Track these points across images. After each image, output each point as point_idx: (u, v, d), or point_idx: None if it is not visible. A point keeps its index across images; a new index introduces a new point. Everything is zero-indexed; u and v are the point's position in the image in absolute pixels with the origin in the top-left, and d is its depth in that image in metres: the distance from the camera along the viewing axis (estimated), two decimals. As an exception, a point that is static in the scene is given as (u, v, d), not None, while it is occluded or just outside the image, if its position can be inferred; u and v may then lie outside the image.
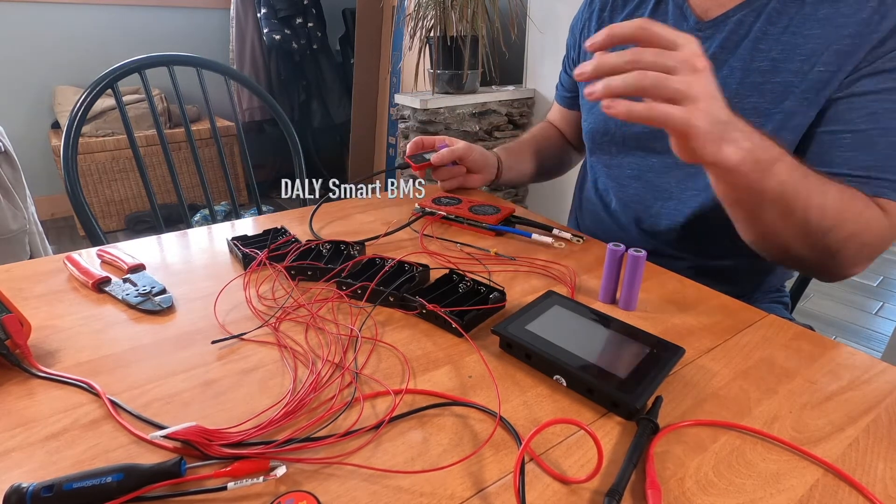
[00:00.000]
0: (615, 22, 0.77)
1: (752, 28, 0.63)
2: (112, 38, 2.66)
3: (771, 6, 0.62)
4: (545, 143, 0.94)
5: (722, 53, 0.65)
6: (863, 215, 0.55)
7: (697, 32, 0.67)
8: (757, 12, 0.63)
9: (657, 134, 0.71)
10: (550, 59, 1.97)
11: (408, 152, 0.82)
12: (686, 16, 0.68)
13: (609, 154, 0.78)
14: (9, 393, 0.39)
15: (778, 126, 0.62)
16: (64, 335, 0.46)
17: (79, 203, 0.88)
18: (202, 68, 1.03)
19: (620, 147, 0.75)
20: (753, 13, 0.63)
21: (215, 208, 1.84)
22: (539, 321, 0.45)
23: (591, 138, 0.79)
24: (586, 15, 0.81)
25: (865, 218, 0.55)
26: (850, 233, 0.55)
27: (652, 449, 0.34)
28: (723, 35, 0.65)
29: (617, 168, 0.77)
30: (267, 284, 0.55)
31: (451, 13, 1.66)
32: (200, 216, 2.50)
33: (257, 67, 2.81)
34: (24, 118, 2.55)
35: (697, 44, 0.44)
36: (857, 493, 0.32)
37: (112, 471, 0.30)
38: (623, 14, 0.76)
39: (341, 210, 0.78)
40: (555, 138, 0.95)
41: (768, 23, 0.62)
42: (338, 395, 0.39)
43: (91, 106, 0.90)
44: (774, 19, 0.62)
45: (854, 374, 0.42)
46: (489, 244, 0.65)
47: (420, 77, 1.81)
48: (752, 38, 0.63)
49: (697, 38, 0.67)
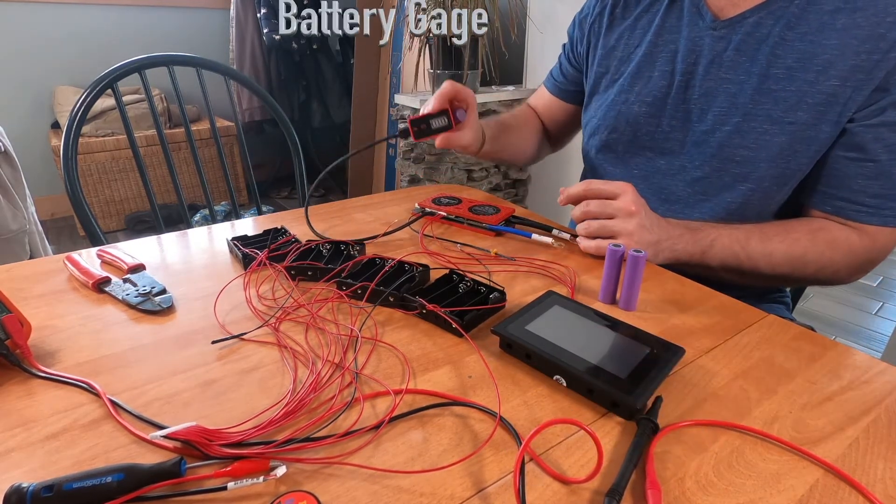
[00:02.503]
0: (627, 19, 0.76)
1: (771, 32, 0.62)
2: (112, 38, 2.66)
3: (790, 11, 0.61)
4: (526, 128, 0.92)
5: (738, 56, 0.64)
6: (827, 252, 0.62)
7: (712, 31, 0.66)
8: (775, 16, 0.62)
9: (667, 135, 0.71)
10: (550, 59, 1.97)
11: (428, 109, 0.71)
12: (703, 13, 0.67)
13: (615, 153, 0.77)
14: (9, 393, 0.39)
15: (790, 137, 0.62)
16: (64, 335, 0.46)
17: (79, 203, 0.88)
18: (202, 68, 1.03)
19: (628, 146, 0.75)
20: (772, 17, 0.62)
21: (215, 208, 1.84)
22: (539, 321, 0.45)
23: (598, 135, 0.78)
24: (597, 9, 0.80)
25: (832, 251, 0.62)
26: (817, 268, 0.63)
27: (652, 449, 0.34)
28: (738, 37, 0.64)
29: (623, 167, 0.77)
30: (267, 284, 0.55)
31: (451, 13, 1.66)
32: (200, 216, 2.50)
33: (257, 67, 2.81)
34: (24, 118, 2.55)
35: (633, 191, 0.60)
36: (857, 494, 0.32)
37: (112, 471, 0.30)
38: (638, 9, 0.75)
39: (341, 210, 0.78)
40: (535, 125, 0.94)
41: (787, 28, 0.61)
42: (338, 395, 0.39)
43: (91, 106, 0.90)
44: (793, 24, 0.61)
45: (854, 374, 0.42)
46: (489, 244, 0.65)
47: (420, 77, 1.81)
48: (770, 42, 0.62)
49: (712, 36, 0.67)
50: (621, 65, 0.76)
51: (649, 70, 0.72)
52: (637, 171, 0.75)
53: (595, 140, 0.79)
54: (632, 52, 0.74)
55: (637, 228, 0.58)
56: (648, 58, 0.72)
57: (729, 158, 0.66)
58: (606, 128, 0.76)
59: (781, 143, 0.62)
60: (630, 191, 0.59)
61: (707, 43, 0.67)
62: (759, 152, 0.64)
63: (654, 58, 0.71)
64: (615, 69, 0.76)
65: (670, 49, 0.70)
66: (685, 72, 0.68)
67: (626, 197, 0.59)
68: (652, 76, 0.71)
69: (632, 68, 0.73)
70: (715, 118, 0.66)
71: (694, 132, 0.68)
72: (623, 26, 0.76)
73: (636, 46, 0.74)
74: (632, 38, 0.75)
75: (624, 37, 0.76)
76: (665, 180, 0.72)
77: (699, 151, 0.68)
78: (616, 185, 0.60)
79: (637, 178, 0.75)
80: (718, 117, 0.66)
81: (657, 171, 0.73)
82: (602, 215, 0.60)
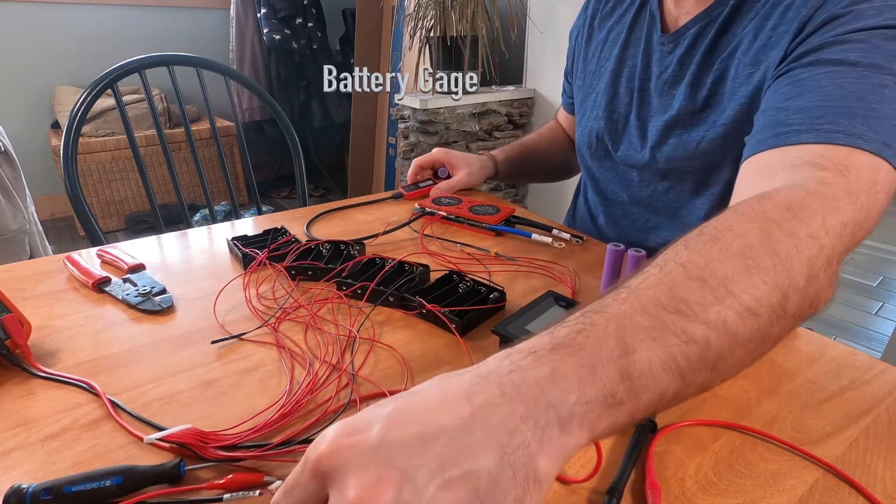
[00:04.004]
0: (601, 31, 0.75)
1: (705, 41, 0.60)
2: (112, 38, 2.66)
3: (723, 13, 0.59)
4: (552, 145, 0.93)
5: (678, 70, 0.63)
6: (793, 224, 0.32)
7: (661, 46, 0.65)
8: (712, 23, 0.60)
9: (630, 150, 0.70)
10: (550, 59, 1.97)
11: (409, 179, 0.86)
12: (657, 27, 0.66)
13: (591, 168, 0.78)
14: (9, 393, 0.39)
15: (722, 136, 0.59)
16: (64, 335, 0.46)
17: (79, 203, 0.88)
18: (202, 68, 1.03)
19: (602, 160, 0.75)
20: (710, 24, 0.60)
21: (215, 208, 1.84)
22: (539, 321, 0.45)
23: (579, 151, 0.79)
24: (580, 21, 0.81)
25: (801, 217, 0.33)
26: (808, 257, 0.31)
27: (652, 449, 0.34)
28: (681, 50, 0.63)
29: (603, 182, 0.77)
30: (267, 284, 0.55)
31: (451, 13, 1.66)
32: (200, 216, 2.50)
33: (257, 67, 2.81)
34: (24, 118, 2.55)
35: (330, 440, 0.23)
36: (856, 494, 0.32)
37: (111, 473, 0.30)
38: (610, 21, 0.74)
39: (341, 209, 0.78)
40: (563, 141, 0.95)
41: (719, 33, 0.59)
42: (334, 396, 0.39)
43: (91, 106, 0.90)
44: (724, 27, 0.59)
45: (854, 375, 0.42)
46: (489, 244, 0.65)
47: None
48: (702, 51, 0.60)
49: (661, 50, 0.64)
50: (594, 79, 0.76)
51: (615, 86, 0.72)
52: (614, 186, 0.75)
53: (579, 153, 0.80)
54: (602, 67, 0.74)
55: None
56: (615, 73, 0.72)
57: (681, 170, 0.65)
58: (584, 143, 0.77)
59: (725, 145, 0.60)
60: (325, 454, 0.22)
61: (655, 59, 0.66)
62: (708, 159, 0.62)
63: (620, 73, 0.71)
64: (589, 83, 0.77)
65: (632, 64, 0.70)
66: (640, 88, 0.68)
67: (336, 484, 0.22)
68: (618, 92, 0.71)
69: (602, 84, 0.74)
70: (659, 134, 0.65)
71: (647, 150, 0.68)
72: (598, 39, 0.76)
73: (606, 61, 0.74)
74: (604, 52, 0.75)
75: (598, 50, 0.76)
76: (640, 192, 0.72)
77: (658, 166, 0.68)
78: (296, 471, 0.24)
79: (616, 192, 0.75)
80: (661, 132, 0.65)
81: (630, 184, 0.73)
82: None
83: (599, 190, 0.78)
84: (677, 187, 0.67)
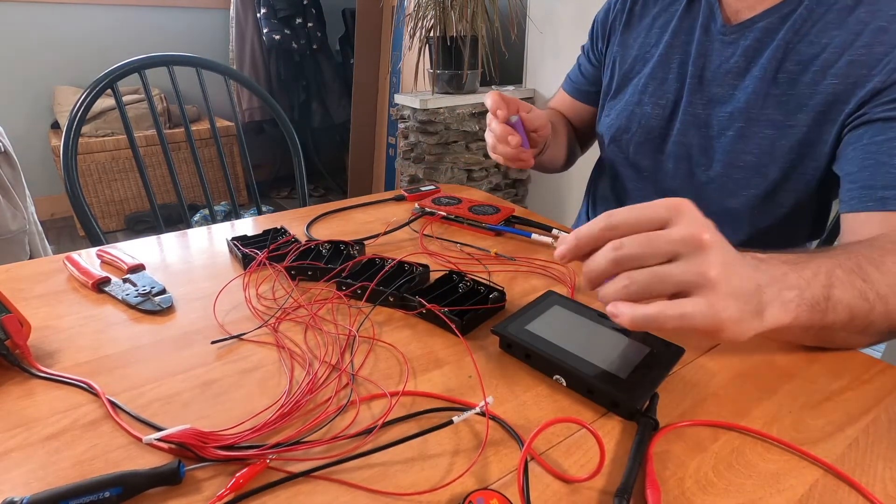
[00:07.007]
0: (645, 17, 0.75)
1: (778, 37, 0.61)
2: (112, 38, 2.66)
3: (799, 14, 0.60)
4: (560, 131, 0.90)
5: (743, 61, 0.63)
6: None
7: (722, 37, 0.65)
8: (785, 20, 0.61)
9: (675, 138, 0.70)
10: (550, 59, 1.97)
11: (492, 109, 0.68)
12: (715, 17, 0.67)
13: (626, 154, 0.77)
14: (9, 393, 0.39)
15: (792, 140, 0.61)
16: (64, 335, 0.46)
17: (78, 203, 0.88)
18: (202, 68, 1.03)
19: (638, 147, 0.75)
20: (781, 21, 0.61)
21: (215, 208, 1.84)
22: (539, 321, 0.45)
23: (610, 135, 0.78)
24: (619, 6, 0.79)
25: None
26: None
27: (651, 449, 0.34)
28: (747, 42, 0.63)
29: (632, 169, 0.76)
30: (267, 284, 0.55)
31: (451, 13, 1.66)
32: (200, 216, 2.50)
33: (257, 67, 2.81)
34: (24, 118, 2.55)
35: (692, 208, 0.34)
36: (856, 494, 0.32)
37: (110, 483, 0.29)
38: (656, 8, 0.74)
39: (341, 209, 0.78)
40: (567, 129, 0.93)
41: (793, 31, 0.60)
42: (334, 397, 0.39)
43: (91, 106, 0.90)
44: (799, 27, 0.60)
45: (854, 374, 0.42)
46: (489, 244, 0.65)
47: (420, 77, 1.81)
48: (775, 47, 0.61)
49: (721, 41, 0.64)
50: (636, 64, 0.75)
51: (664, 72, 0.71)
52: (647, 174, 0.75)
53: (608, 140, 0.79)
54: (647, 52, 0.74)
55: (722, 274, 0.32)
56: (664, 59, 0.71)
57: (732, 164, 0.65)
58: (618, 128, 0.76)
59: (784, 146, 0.62)
60: (688, 209, 0.34)
61: (716, 48, 0.66)
62: (763, 157, 0.63)
63: (670, 60, 0.71)
64: (630, 67, 0.76)
65: (684, 51, 0.70)
66: (695, 75, 0.68)
67: (684, 218, 0.33)
68: (666, 78, 0.71)
69: (647, 69, 0.73)
70: (720, 123, 0.66)
71: (701, 137, 0.68)
72: (641, 25, 0.76)
73: (652, 46, 0.74)
74: (648, 38, 0.74)
75: (641, 36, 0.75)
76: (673, 183, 0.72)
77: (705, 157, 0.68)
78: (660, 205, 0.34)
79: (647, 179, 0.75)
80: (723, 122, 0.66)
81: (665, 174, 0.72)
82: (650, 258, 0.33)
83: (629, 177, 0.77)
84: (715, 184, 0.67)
